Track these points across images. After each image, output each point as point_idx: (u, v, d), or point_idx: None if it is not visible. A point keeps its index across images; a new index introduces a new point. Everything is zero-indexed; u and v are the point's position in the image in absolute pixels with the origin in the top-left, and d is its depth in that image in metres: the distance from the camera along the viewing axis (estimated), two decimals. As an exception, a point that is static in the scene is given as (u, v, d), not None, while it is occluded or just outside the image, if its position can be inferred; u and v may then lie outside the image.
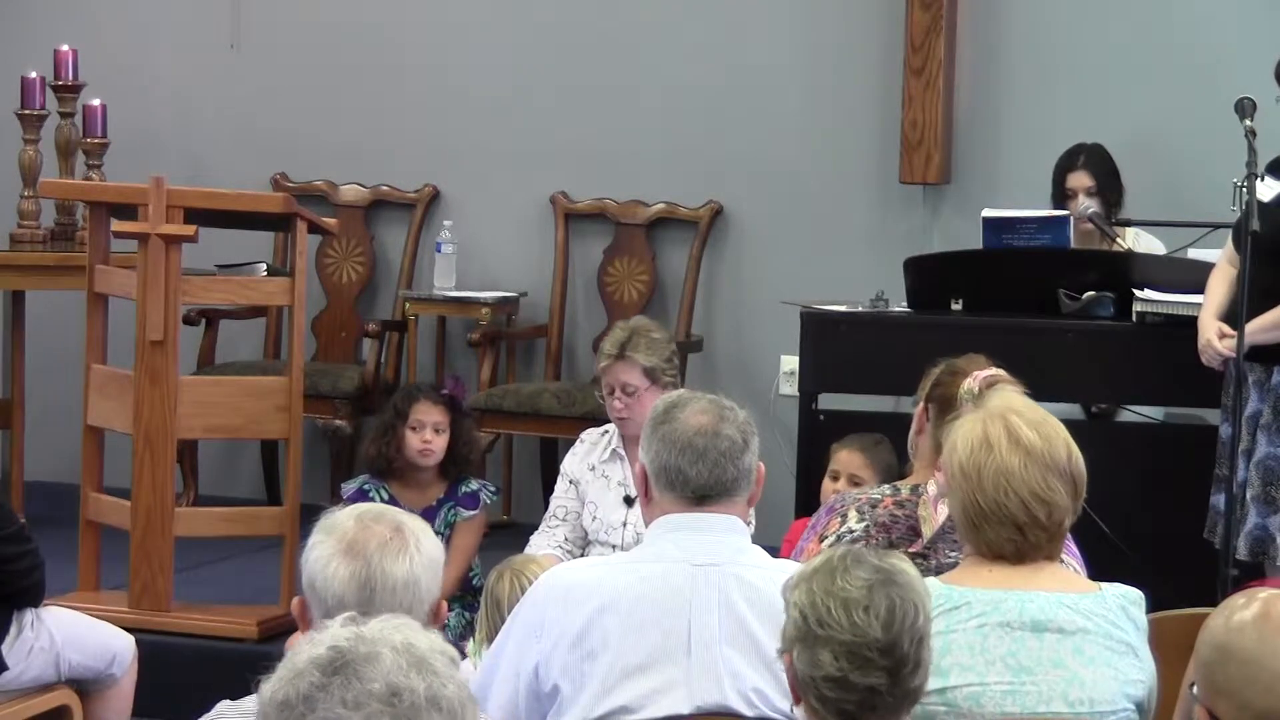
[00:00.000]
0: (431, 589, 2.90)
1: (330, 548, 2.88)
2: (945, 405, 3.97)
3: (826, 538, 3.91)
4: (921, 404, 4.08)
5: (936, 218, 7.39)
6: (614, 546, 5.48)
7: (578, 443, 5.76)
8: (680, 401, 3.57)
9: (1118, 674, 3.30)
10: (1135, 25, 7.18)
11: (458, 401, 5.94)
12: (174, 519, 5.99)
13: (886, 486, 4.04)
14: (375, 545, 2.87)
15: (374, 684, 1.99)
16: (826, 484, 5.62)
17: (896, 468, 5.35)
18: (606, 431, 5.68)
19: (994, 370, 3.98)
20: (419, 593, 2.88)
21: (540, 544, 5.61)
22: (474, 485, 5.92)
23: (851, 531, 3.90)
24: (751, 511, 3.70)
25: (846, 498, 4.04)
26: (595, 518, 5.59)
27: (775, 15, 7.53)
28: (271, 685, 2.02)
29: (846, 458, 5.59)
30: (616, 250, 7.70)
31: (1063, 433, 3.38)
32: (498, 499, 6.33)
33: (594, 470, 5.63)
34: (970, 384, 3.90)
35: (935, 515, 3.81)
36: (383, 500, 5.76)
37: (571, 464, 5.71)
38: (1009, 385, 3.89)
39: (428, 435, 5.83)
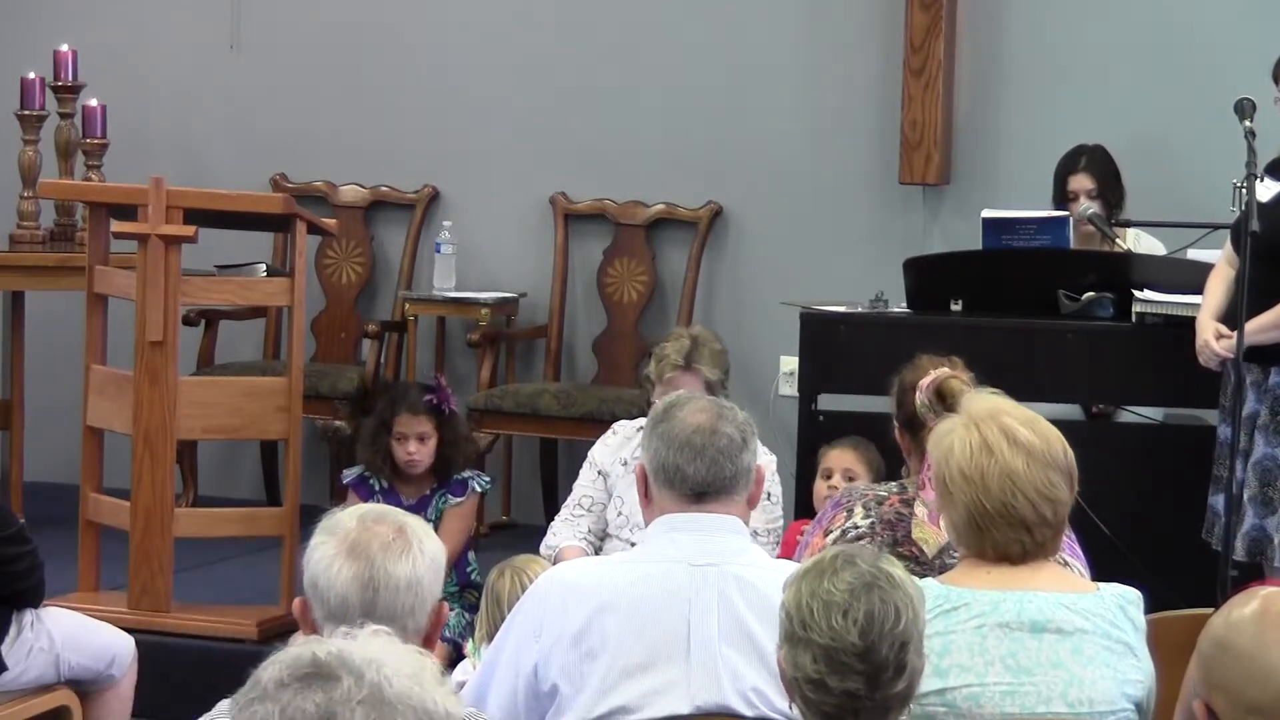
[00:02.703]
0: (434, 590, 2.91)
1: (333, 548, 2.88)
2: (914, 424, 3.98)
3: (831, 532, 3.91)
4: (898, 428, 4.10)
5: (936, 218, 7.38)
6: (632, 545, 5.43)
7: (609, 433, 5.69)
8: (680, 401, 3.59)
9: (1116, 674, 3.30)
10: (1135, 25, 7.18)
11: (441, 407, 5.94)
12: (174, 519, 5.99)
13: (893, 484, 4.04)
14: (378, 546, 2.88)
15: (308, 705, 2.01)
16: (819, 485, 5.63)
17: (884, 469, 5.37)
18: (641, 428, 5.62)
19: (934, 373, 3.96)
20: (421, 593, 2.88)
21: (565, 533, 5.54)
22: (466, 474, 5.96)
23: (857, 527, 3.90)
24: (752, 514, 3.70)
25: (853, 492, 4.04)
26: (620, 513, 5.51)
27: (775, 15, 7.53)
28: (267, 663, 2.06)
29: (838, 455, 5.62)
30: (616, 251, 7.70)
31: (1053, 429, 3.39)
32: (492, 487, 6.34)
33: (625, 465, 5.53)
34: (920, 398, 3.90)
35: (939, 531, 3.80)
36: (381, 487, 5.94)
37: (602, 454, 5.63)
38: (955, 379, 3.89)
39: (411, 447, 5.86)
